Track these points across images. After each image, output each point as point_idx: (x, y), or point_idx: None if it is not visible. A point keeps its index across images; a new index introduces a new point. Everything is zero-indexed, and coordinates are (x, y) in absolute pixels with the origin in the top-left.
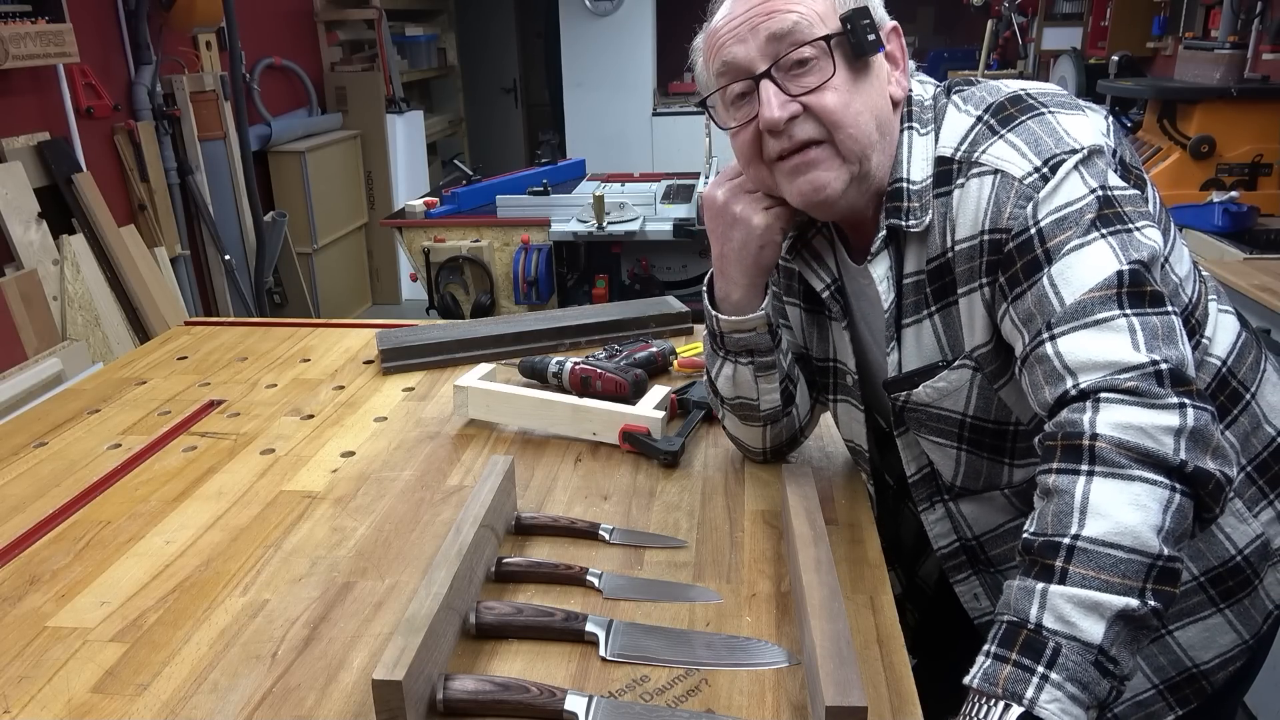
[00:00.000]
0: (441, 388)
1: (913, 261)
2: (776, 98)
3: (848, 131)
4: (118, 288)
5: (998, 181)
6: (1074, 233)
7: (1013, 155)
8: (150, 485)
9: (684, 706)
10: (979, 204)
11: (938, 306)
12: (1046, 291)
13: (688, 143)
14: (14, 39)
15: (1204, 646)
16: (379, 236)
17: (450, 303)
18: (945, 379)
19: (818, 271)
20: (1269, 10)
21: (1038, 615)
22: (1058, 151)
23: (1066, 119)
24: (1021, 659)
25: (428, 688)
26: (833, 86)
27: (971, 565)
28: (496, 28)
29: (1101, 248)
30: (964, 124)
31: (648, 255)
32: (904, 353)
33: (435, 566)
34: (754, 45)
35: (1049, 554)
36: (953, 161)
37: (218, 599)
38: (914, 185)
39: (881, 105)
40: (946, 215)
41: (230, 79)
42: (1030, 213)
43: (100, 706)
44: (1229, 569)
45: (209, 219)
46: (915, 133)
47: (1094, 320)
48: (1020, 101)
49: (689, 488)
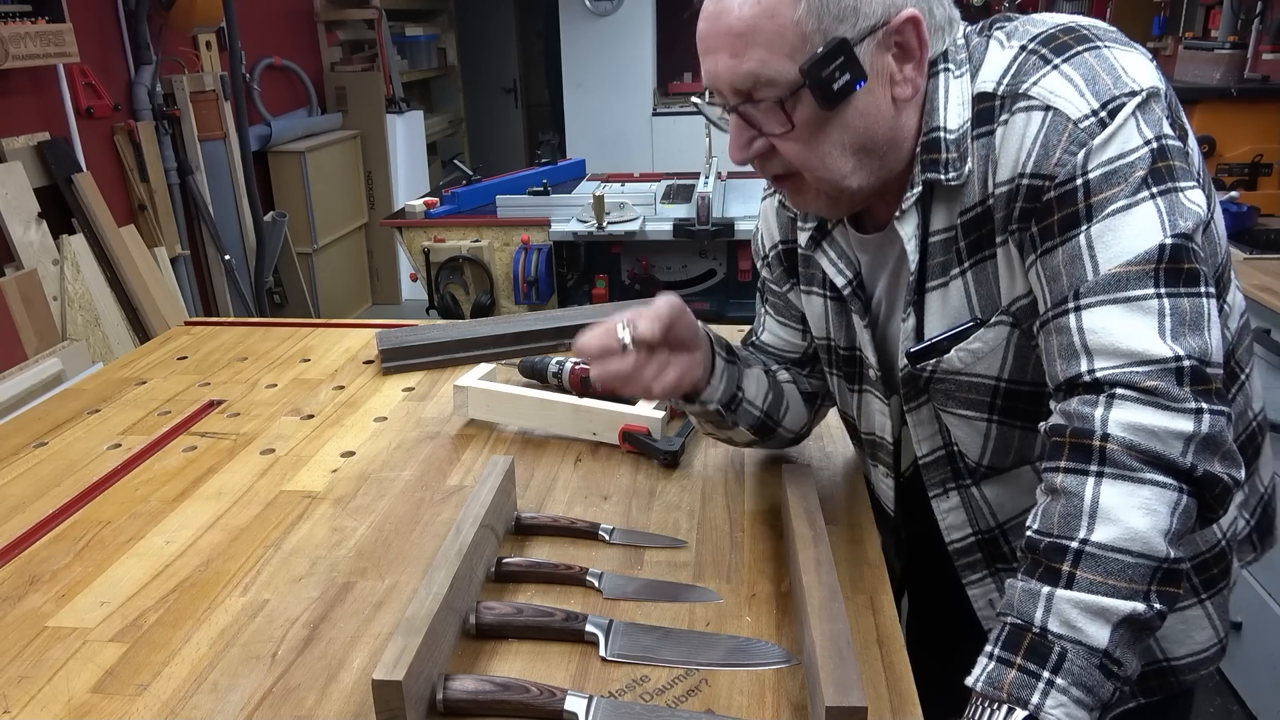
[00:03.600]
0: (441, 388)
1: (942, 218)
2: (739, 137)
3: (814, 174)
4: (118, 288)
5: (1049, 119)
6: (1122, 190)
7: (1068, 91)
8: (150, 485)
9: (684, 706)
10: (1023, 142)
11: (971, 262)
12: (1081, 252)
13: (688, 143)
14: (14, 39)
15: (1179, 641)
16: (379, 236)
17: (450, 303)
18: (981, 339)
19: (839, 266)
20: (1269, 10)
21: (1043, 619)
22: (1117, 93)
23: (1124, 55)
24: (1027, 663)
25: (428, 688)
26: (791, 139)
27: (988, 564)
28: (496, 28)
29: (1148, 212)
30: (1007, 57)
31: (648, 255)
32: (927, 319)
33: (435, 566)
34: (716, 71)
35: (1055, 557)
36: (995, 97)
37: (218, 599)
38: (951, 133)
39: (867, 128)
40: (988, 157)
41: (230, 79)
42: (1080, 161)
43: (100, 706)
44: (1215, 555)
45: (209, 219)
46: (950, 74)
47: (1125, 297)
48: (1073, 31)
49: (689, 488)
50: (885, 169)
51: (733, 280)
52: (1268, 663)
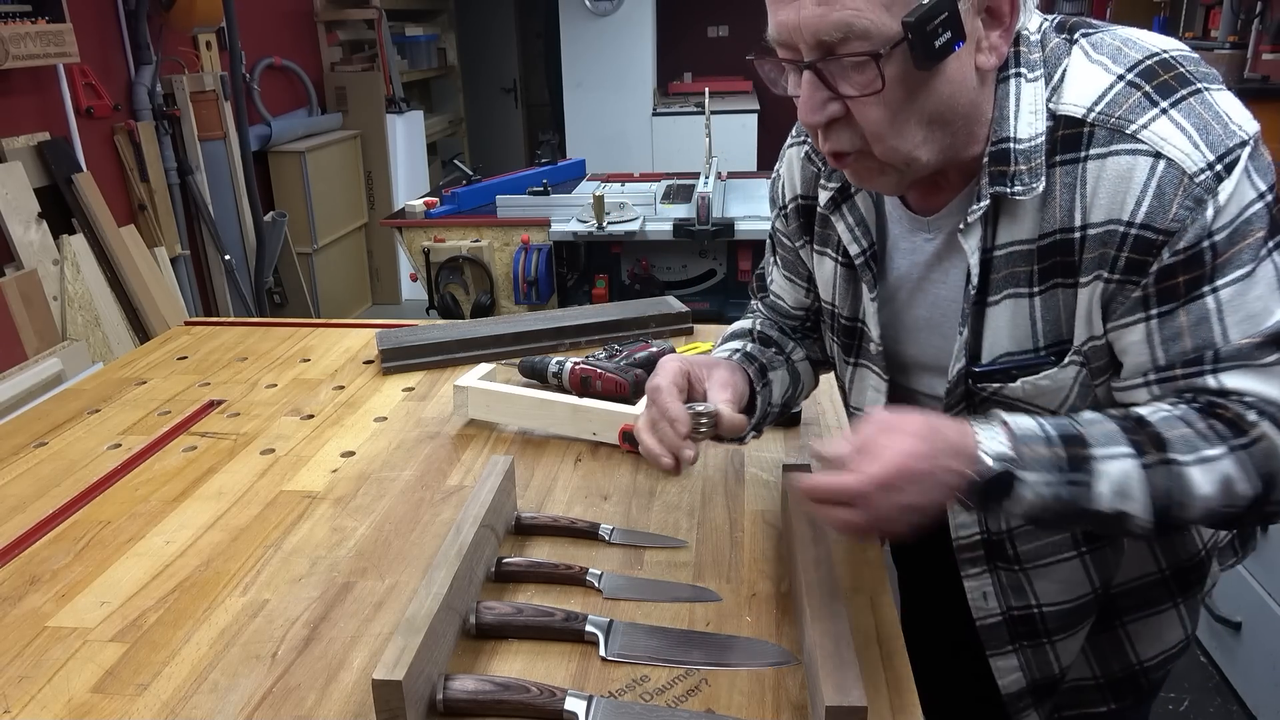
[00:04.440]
0: (441, 388)
1: (1011, 231)
2: (814, 97)
3: (887, 144)
4: (118, 288)
5: (1162, 170)
6: (1247, 251)
7: (1181, 141)
8: (150, 485)
9: (684, 706)
10: (1131, 188)
11: (1043, 286)
12: (1210, 317)
13: (688, 143)
14: (14, 39)
15: (1151, 641)
16: (379, 236)
17: (450, 303)
18: (1051, 377)
19: (856, 234)
20: (1269, 10)
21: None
22: (1230, 145)
23: (1221, 96)
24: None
25: (428, 688)
26: (875, 101)
27: (988, 561)
28: (496, 28)
29: (1270, 280)
30: (1099, 80)
31: (648, 255)
32: (986, 334)
33: (435, 566)
34: (798, 20)
35: (1152, 445)
36: (1084, 124)
37: (218, 599)
38: (1021, 145)
39: (951, 95)
40: (1075, 187)
41: (230, 79)
42: (1206, 221)
43: (100, 706)
44: (1194, 564)
45: (209, 219)
46: (1023, 79)
47: (1259, 364)
48: (1172, 68)
49: (689, 488)
50: (953, 147)
51: (733, 280)
52: (1268, 663)
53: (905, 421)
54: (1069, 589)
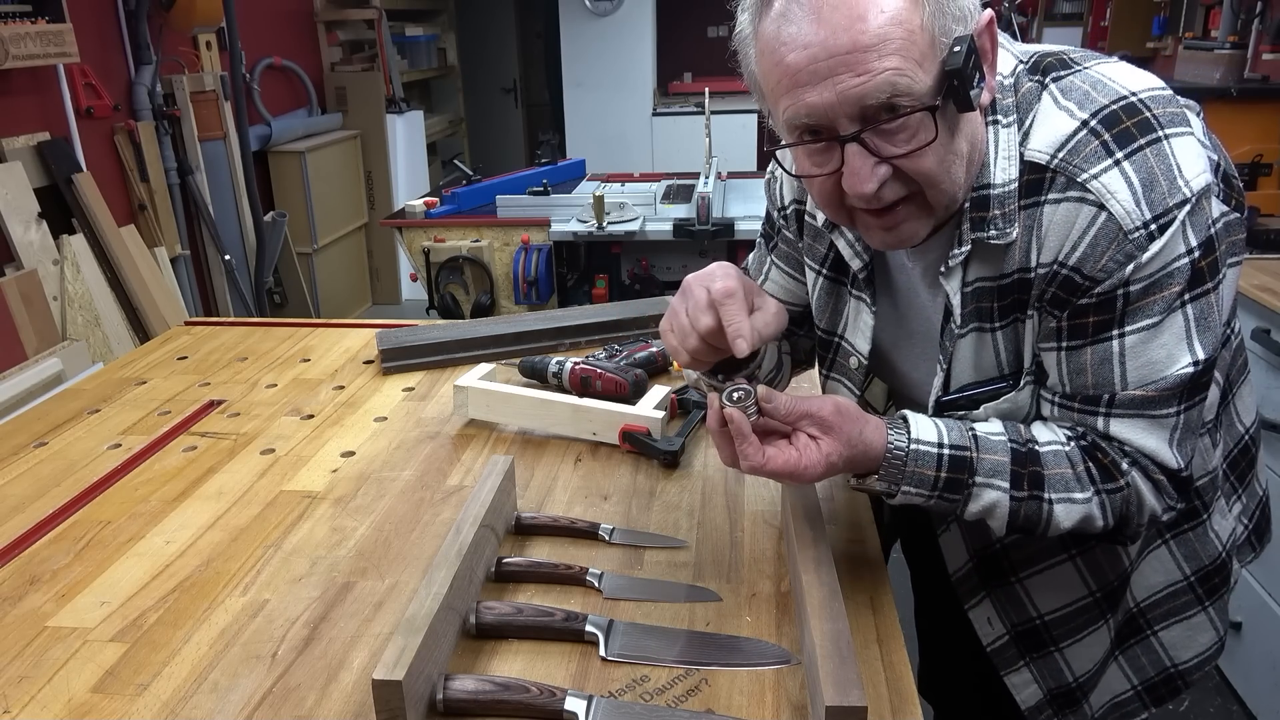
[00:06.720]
0: (441, 388)
1: (979, 269)
2: (866, 167)
3: (941, 188)
4: (118, 288)
5: (1101, 221)
6: (1159, 303)
7: (1125, 196)
8: (150, 485)
9: (684, 706)
10: (1072, 234)
11: (1004, 322)
12: (1112, 359)
13: (688, 143)
14: (14, 39)
15: (1185, 646)
16: (379, 236)
17: (450, 303)
18: (1011, 400)
19: (856, 249)
20: (1269, 10)
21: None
22: (1170, 205)
23: (1180, 145)
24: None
25: (428, 688)
26: (932, 149)
27: (984, 585)
28: (496, 28)
29: (1177, 329)
30: (1064, 126)
31: (648, 255)
32: (954, 366)
33: (435, 566)
34: (836, 98)
35: (1034, 483)
36: (1047, 170)
37: (218, 599)
38: (996, 190)
39: (973, 133)
40: (1033, 230)
41: (230, 79)
42: (1126, 274)
43: (100, 706)
44: (1216, 566)
45: (209, 219)
46: (999, 126)
47: (1152, 416)
48: (1137, 113)
49: (689, 488)
50: (969, 182)
51: None
52: (1268, 663)
53: (847, 424)
54: (1065, 594)
